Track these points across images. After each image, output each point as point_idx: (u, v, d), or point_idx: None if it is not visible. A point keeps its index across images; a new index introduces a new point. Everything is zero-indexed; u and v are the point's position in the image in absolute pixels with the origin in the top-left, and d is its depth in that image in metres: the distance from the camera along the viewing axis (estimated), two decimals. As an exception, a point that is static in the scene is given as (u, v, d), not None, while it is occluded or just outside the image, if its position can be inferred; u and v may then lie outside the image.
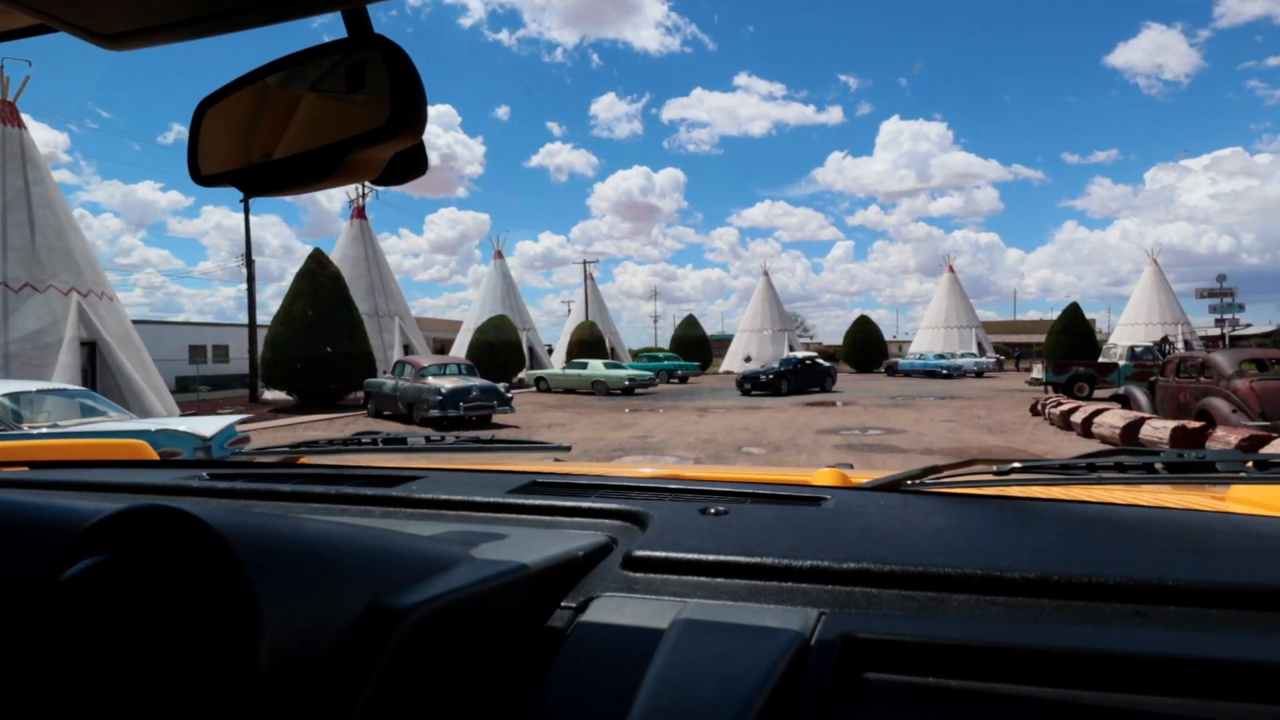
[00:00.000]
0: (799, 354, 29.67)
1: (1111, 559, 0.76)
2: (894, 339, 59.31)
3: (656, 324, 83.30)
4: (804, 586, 0.73)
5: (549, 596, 0.72)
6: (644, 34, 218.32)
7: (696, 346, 47.67)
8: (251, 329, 23.82)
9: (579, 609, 0.71)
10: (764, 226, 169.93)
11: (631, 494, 1.12)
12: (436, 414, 15.33)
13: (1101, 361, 23.58)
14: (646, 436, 13.54)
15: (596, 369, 27.03)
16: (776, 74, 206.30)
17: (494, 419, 16.39)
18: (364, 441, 1.62)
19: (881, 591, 0.72)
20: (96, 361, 15.60)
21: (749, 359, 45.23)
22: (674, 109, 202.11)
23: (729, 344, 52.72)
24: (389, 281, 29.68)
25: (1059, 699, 0.55)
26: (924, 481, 1.09)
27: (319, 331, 20.42)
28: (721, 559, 0.77)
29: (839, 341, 51.59)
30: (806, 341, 64.58)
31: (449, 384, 15.98)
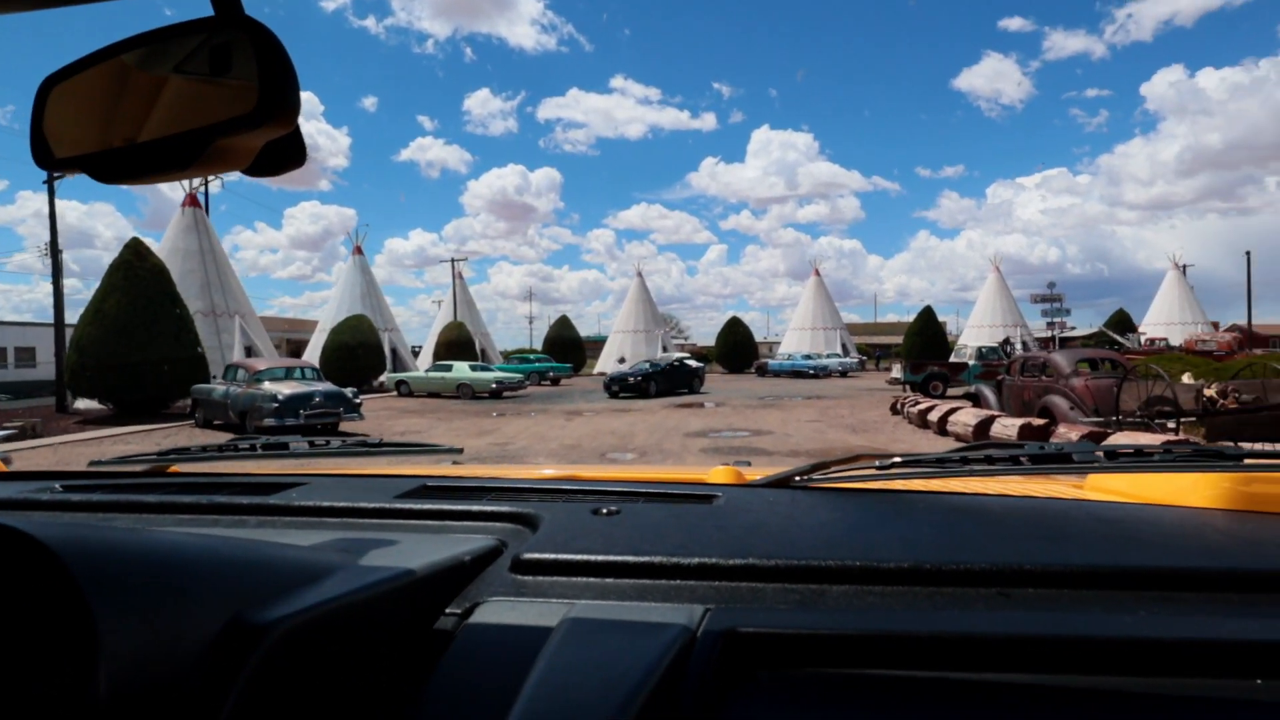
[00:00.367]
0: (670, 355, 29.60)
1: (979, 546, 0.79)
2: (764, 340, 61.01)
3: (532, 325, 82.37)
4: (691, 584, 0.73)
5: (434, 603, 0.70)
6: (519, 30, 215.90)
7: (570, 348, 46.92)
8: (59, 329, 20.68)
9: (465, 614, 0.69)
10: (640, 229, 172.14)
11: (524, 496, 1.11)
12: (272, 423, 13.59)
13: (953, 361, 24.80)
14: (507, 444, 12.66)
15: (462, 371, 25.70)
16: (652, 78, 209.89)
17: (341, 428, 14.90)
18: (241, 447, 1.55)
19: (766, 586, 0.73)
20: None
21: (623, 360, 44.87)
22: (550, 108, 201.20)
23: (605, 345, 52.27)
24: (228, 277, 26.74)
25: (929, 680, 0.58)
26: (812, 477, 1.11)
27: (136, 332, 17.96)
28: (610, 559, 0.77)
29: (713, 343, 52.35)
30: (681, 343, 65.25)
31: (287, 389, 14.26)
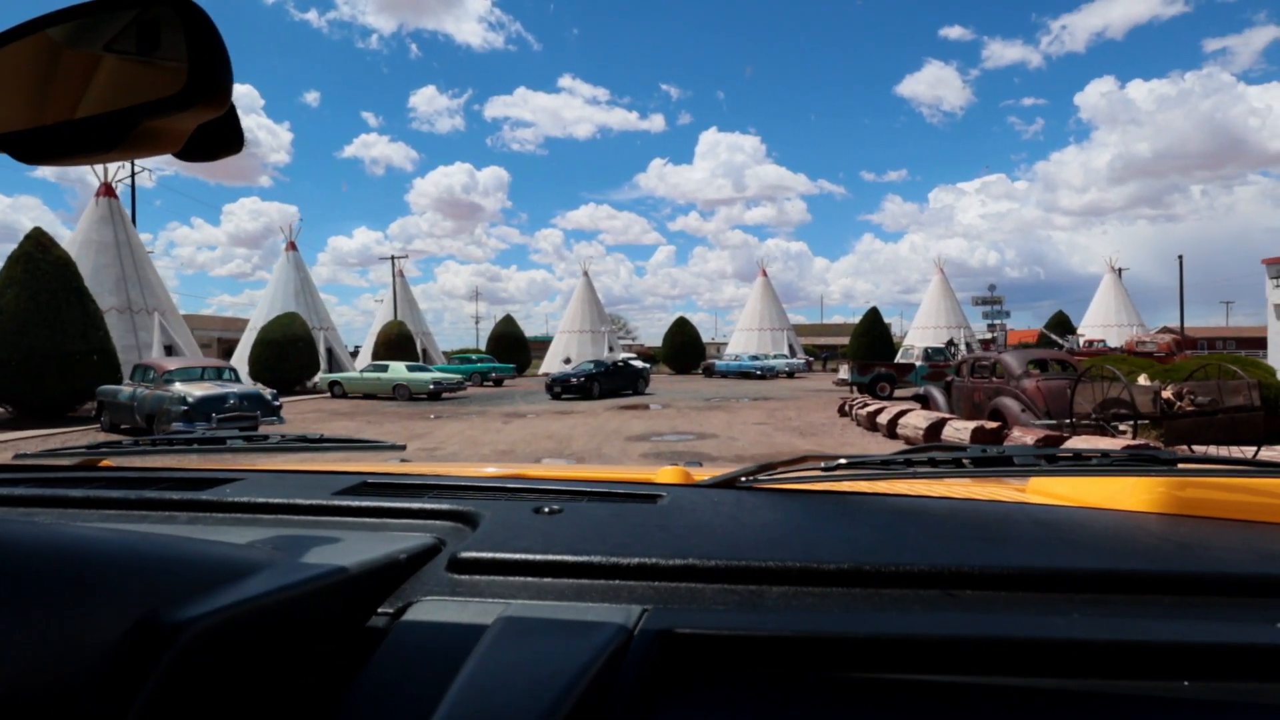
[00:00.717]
0: (616, 355, 28.98)
1: (920, 548, 0.80)
2: (713, 340, 60.85)
3: (478, 325, 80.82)
4: (631, 584, 0.73)
5: (366, 602, 0.68)
6: (466, 28, 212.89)
7: (514, 347, 45.87)
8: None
9: (397, 614, 0.67)
10: (589, 229, 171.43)
11: (468, 494, 1.10)
12: (181, 427, 12.51)
13: (901, 362, 24.74)
14: (436, 449, 11.86)
15: (398, 372, 24.63)
16: (600, 78, 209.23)
17: (259, 432, 13.89)
18: (176, 441, 1.53)
19: (706, 586, 0.72)
20: None
21: (569, 360, 44.04)
22: (497, 106, 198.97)
23: (551, 345, 51.33)
24: (146, 271, 24.98)
25: (864, 681, 0.58)
26: (758, 478, 1.10)
27: (37, 329, 16.57)
28: (548, 559, 0.76)
29: (661, 343, 51.91)
30: (628, 343, 64.74)
31: (198, 391, 13.18)
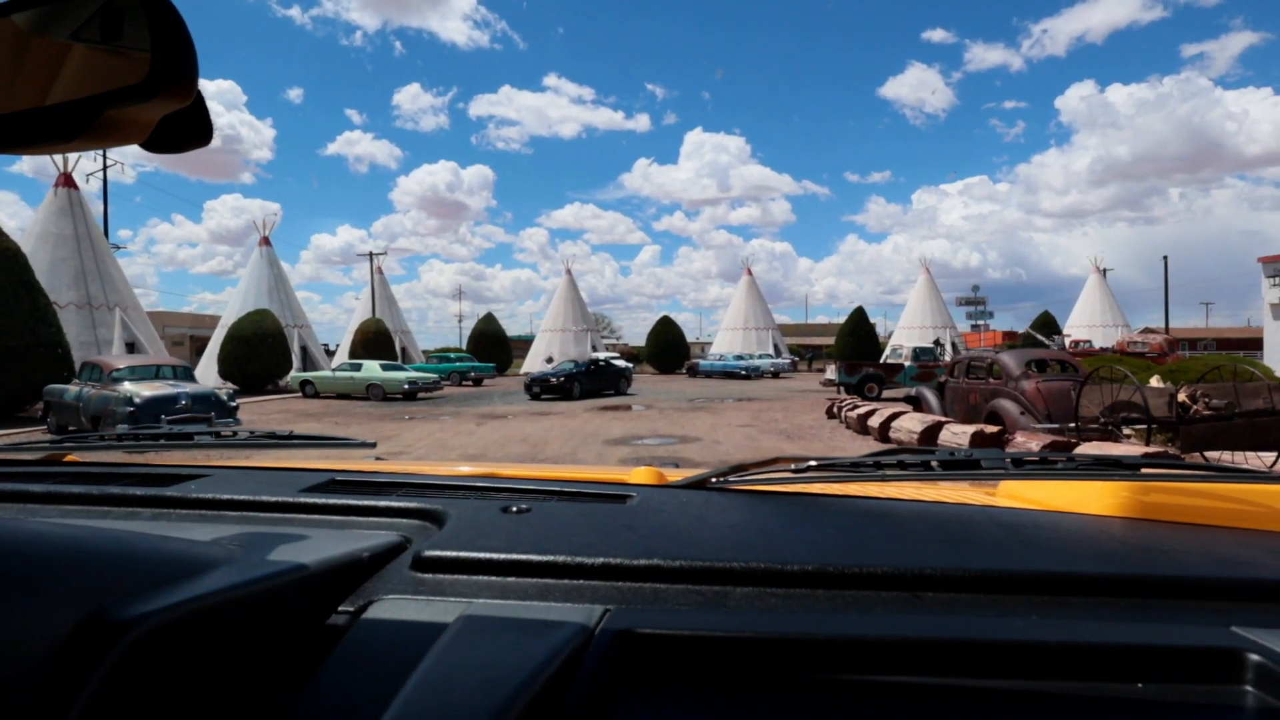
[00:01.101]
0: (598, 355, 28.26)
1: (884, 550, 0.80)
2: (697, 340, 60.25)
3: (461, 324, 79.72)
4: (594, 584, 0.72)
5: (327, 600, 0.68)
6: (451, 26, 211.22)
7: (495, 346, 44.99)
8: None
9: (358, 612, 0.67)
10: (574, 228, 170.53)
11: (436, 493, 1.09)
12: (127, 429, 11.65)
13: (890, 363, 24.15)
14: (402, 454, 11.08)
15: (372, 371, 23.71)
16: (586, 78, 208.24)
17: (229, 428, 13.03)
18: (143, 436, 1.51)
19: (670, 587, 0.72)
20: None
21: (551, 360, 43.26)
22: (482, 105, 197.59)
23: (533, 344, 50.48)
24: (108, 265, 24.01)
25: (826, 683, 0.58)
26: (728, 479, 1.10)
27: (-19, 324, 15.71)
28: (513, 558, 0.76)
29: (645, 343, 51.22)
30: (612, 343, 63.97)
31: (146, 391, 12.35)
